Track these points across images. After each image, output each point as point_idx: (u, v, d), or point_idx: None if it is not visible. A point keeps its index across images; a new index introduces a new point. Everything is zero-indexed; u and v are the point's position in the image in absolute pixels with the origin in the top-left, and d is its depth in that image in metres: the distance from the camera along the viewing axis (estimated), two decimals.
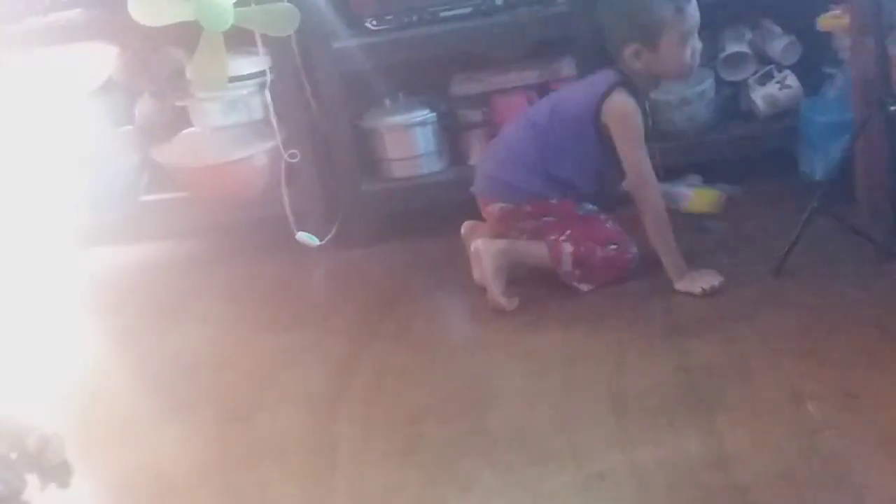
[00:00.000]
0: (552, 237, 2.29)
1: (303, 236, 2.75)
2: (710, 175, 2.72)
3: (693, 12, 2.23)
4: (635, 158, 2.25)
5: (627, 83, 2.26)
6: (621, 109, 2.25)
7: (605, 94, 2.26)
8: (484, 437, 1.80)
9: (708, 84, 2.73)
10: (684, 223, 2.41)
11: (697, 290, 2.17)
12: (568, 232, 2.28)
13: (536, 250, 2.31)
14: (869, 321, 1.97)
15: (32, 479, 1.86)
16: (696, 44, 2.25)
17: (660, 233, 2.23)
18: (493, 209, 2.38)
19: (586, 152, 2.30)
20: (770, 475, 1.55)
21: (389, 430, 1.89)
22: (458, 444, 1.79)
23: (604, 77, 2.29)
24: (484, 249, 2.31)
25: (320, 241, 2.77)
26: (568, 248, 2.27)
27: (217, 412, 2.06)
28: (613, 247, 2.28)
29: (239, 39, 2.66)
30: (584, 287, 2.28)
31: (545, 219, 2.32)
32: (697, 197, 2.61)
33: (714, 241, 2.45)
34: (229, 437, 1.96)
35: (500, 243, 2.32)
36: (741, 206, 2.63)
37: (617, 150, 2.27)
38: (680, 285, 2.19)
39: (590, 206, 2.34)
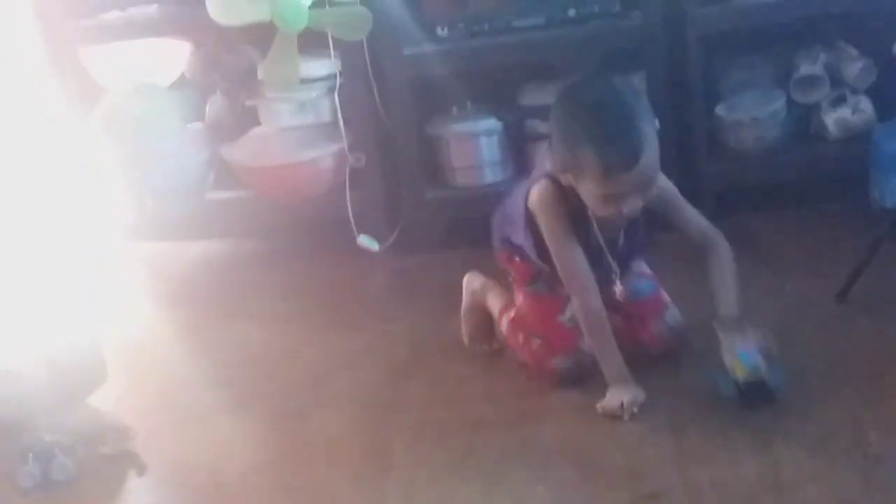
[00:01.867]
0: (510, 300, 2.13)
1: (364, 240, 2.77)
2: (777, 196, 2.69)
3: (628, 181, 1.77)
4: (553, 250, 1.94)
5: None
6: (539, 193, 1.93)
7: (537, 182, 1.96)
8: (538, 450, 1.80)
9: (779, 105, 2.70)
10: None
11: (616, 404, 1.85)
12: (518, 303, 2.09)
13: (495, 304, 2.15)
14: None
15: (92, 465, 1.91)
16: (623, 205, 1.81)
17: (591, 333, 1.92)
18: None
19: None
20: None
21: (444, 437, 1.89)
22: (512, 456, 1.79)
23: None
24: (466, 283, 2.23)
25: (381, 245, 2.78)
26: (508, 316, 2.09)
27: (273, 409, 2.08)
28: (539, 342, 2.02)
29: (311, 41, 2.68)
30: (509, 350, 2.11)
31: (510, 277, 2.15)
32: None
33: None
34: (284, 434, 1.98)
35: (477, 282, 2.21)
36: (808, 229, 2.59)
37: None
38: (604, 400, 1.88)
39: (542, 285, 2.06)
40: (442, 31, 2.75)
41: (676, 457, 1.71)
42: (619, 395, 1.87)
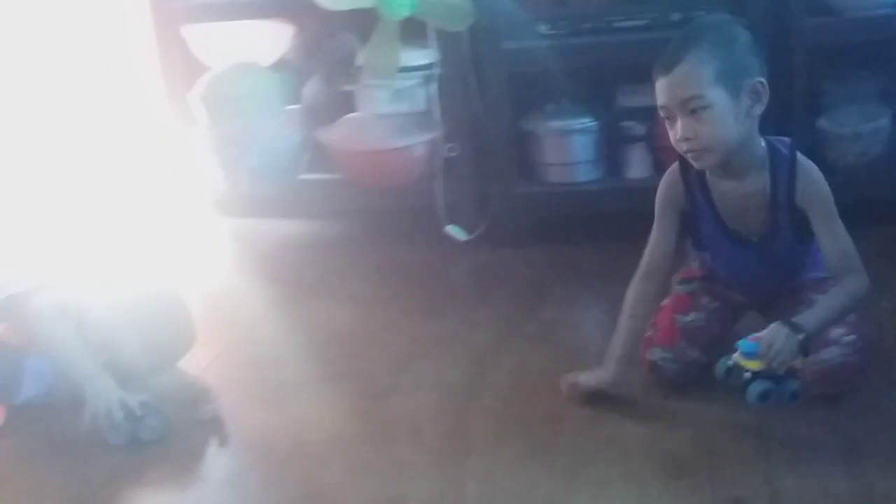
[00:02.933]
0: None
1: (451, 229, 2.78)
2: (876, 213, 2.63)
3: (662, 88, 1.76)
4: None
5: None
6: (664, 177, 1.95)
7: None
8: (619, 446, 1.79)
9: (884, 121, 2.64)
10: None
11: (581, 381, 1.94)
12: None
13: None
14: None
15: (180, 427, 1.95)
16: (677, 127, 1.76)
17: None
18: None
19: None
20: None
21: (524, 428, 1.89)
22: (592, 451, 1.78)
23: None
24: None
25: (468, 236, 2.79)
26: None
27: (355, 388, 2.10)
28: (650, 333, 1.99)
29: (411, 30, 2.70)
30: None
31: None
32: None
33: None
34: (366, 413, 2.00)
35: None
36: None
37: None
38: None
39: (689, 286, 2.04)
40: (544, 28, 2.75)
41: (762, 464, 1.69)
42: (592, 375, 1.93)
